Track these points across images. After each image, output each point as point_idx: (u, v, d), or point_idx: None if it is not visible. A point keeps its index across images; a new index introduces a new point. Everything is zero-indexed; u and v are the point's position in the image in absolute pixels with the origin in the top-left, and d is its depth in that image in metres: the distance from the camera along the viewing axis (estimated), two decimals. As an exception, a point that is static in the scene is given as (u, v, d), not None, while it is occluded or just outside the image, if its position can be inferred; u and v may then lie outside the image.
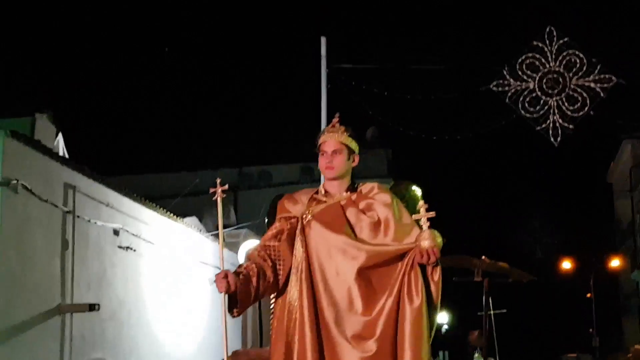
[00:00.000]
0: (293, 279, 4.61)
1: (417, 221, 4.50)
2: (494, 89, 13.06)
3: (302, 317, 4.47)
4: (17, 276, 10.02)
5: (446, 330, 38.10)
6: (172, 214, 15.22)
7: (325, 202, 4.74)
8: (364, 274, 4.48)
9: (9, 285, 9.92)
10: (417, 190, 5.02)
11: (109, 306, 12.15)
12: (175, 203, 17.95)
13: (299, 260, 4.59)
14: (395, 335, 4.39)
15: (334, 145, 4.73)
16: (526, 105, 13.00)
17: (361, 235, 4.58)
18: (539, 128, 12.94)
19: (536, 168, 54.72)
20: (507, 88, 13.02)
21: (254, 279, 4.52)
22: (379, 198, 4.69)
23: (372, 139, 29.62)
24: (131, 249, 13.00)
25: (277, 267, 4.64)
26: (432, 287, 4.50)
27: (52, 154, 11.14)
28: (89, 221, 11.80)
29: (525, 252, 35.53)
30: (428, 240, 4.37)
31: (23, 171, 10.12)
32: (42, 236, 10.67)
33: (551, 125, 12.89)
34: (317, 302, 4.49)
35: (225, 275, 4.47)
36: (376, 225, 4.59)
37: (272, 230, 4.77)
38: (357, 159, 4.82)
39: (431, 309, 4.48)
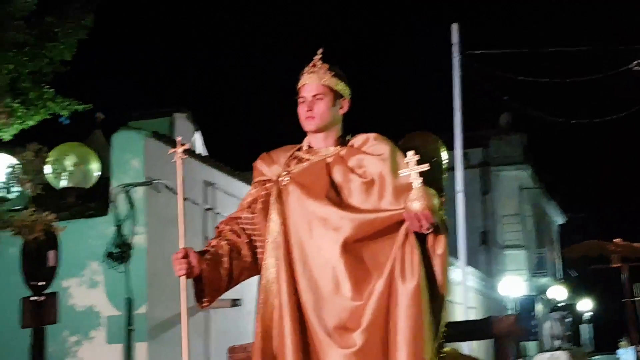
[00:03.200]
0: (270, 256, 3.69)
1: (409, 177, 3.49)
2: (637, 68, 12.55)
3: (280, 304, 3.58)
4: (162, 274, 10.27)
5: (590, 318, 37.37)
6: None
7: (308, 160, 3.81)
8: (351, 249, 3.54)
9: (155, 283, 10.18)
10: (438, 142, 4.05)
11: (251, 301, 12.30)
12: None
13: (275, 235, 3.68)
14: (387, 326, 3.45)
15: (315, 88, 3.77)
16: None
17: (350, 200, 3.64)
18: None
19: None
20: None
21: (225, 259, 3.74)
22: (374, 150, 3.71)
23: (507, 125, 29.09)
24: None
25: (255, 242, 3.83)
26: (435, 264, 3.55)
27: (192, 153, 11.36)
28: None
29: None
30: (418, 200, 3.38)
31: (164, 170, 10.35)
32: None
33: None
34: (297, 285, 3.61)
35: (184, 254, 3.67)
36: (369, 186, 3.64)
37: (245, 199, 3.92)
38: (346, 104, 3.85)
39: (435, 291, 3.53)
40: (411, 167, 3.46)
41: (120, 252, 10.06)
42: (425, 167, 3.44)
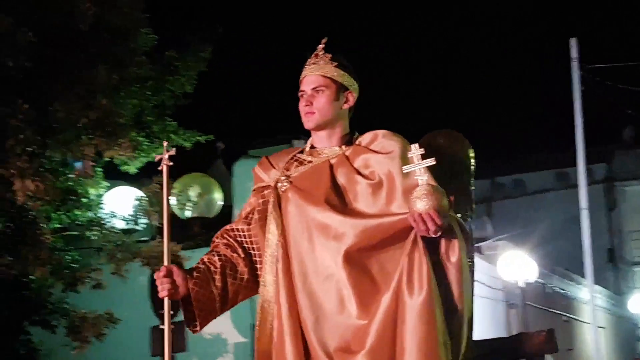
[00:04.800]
0: (268, 272, 3.29)
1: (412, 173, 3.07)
2: None
3: (280, 325, 3.19)
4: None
5: None
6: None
7: (310, 162, 3.36)
8: (355, 260, 3.10)
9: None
10: (464, 142, 3.60)
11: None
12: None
13: (273, 247, 3.27)
14: (394, 347, 3.00)
15: (315, 80, 3.32)
16: None
17: (355, 205, 3.20)
18: None
19: None
20: None
21: (217, 277, 3.32)
22: (382, 148, 3.26)
23: (631, 139, 28.27)
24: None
25: (254, 257, 3.40)
26: (450, 273, 3.05)
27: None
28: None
29: None
30: (422, 199, 2.94)
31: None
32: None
33: None
34: (297, 303, 3.21)
35: (167, 272, 3.26)
36: (376, 187, 3.19)
37: (244, 209, 3.49)
38: (352, 97, 3.38)
39: (451, 306, 3.04)
40: (416, 162, 3.01)
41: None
42: (430, 161, 3.00)
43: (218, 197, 10.74)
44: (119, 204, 8.85)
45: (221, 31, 9.17)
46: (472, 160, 3.57)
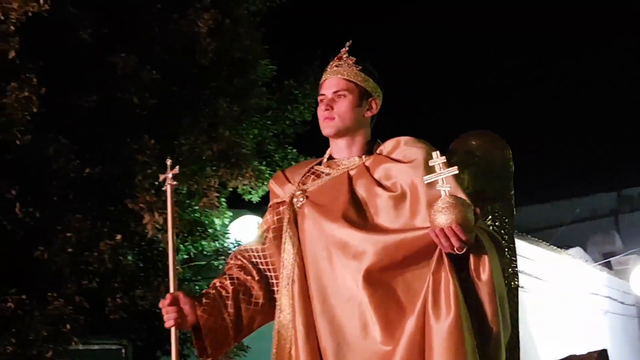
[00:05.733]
0: (284, 295, 3.03)
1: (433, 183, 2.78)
2: None
3: (297, 351, 2.93)
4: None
5: None
6: (555, 247, 14.94)
7: (328, 174, 3.10)
8: (378, 280, 2.83)
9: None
10: (502, 143, 3.25)
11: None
12: (556, 234, 17.61)
13: (290, 268, 3.02)
14: None
15: (336, 84, 3.08)
16: None
17: (377, 220, 2.92)
18: None
19: None
20: None
21: (230, 303, 3.06)
22: (404, 156, 2.98)
23: None
24: (520, 287, 12.93)
25: (270, 280, 3.15)
26: (482, 294, 2.74)
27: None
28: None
29: None
30: (444, 212, 2.64)
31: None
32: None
33: None
34: (316, 328, 2.95)
35: (173, 300, 3.01)
36: (398, 200, 2.91)
37: (260, 228, 3.26)
38: (375, 105, 3.13)
39: (485, 330, 2.74)
40: (438, 171, 2.73)
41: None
42: (453, 170, 2.70)
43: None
44: (244, 232, 8.98)
45: (338, 58, 9.24)
46: (511, 163, 3.25)
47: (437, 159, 2.73)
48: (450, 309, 2.66)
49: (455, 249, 2.66)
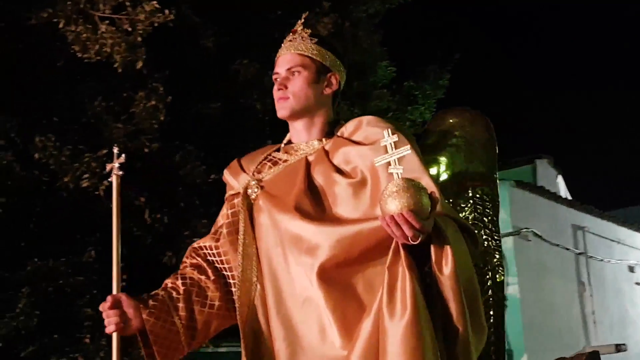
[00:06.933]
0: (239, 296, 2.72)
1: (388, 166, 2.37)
2: None
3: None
4: (538, 324, 10.16)
5: None
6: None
7: (285, 161, 2.74)
8: (334, 277, 2.49)
9: (531, 333, 10.08)
10: (484, 121, 2.88)
11: (635, 346, 11.85)
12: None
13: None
14: None
15: (290, 60, 2.71)
16: None
17: (336, 210, 2.57)
18: None
19: None
20: None
21: (181, 305, 2.69)
22: (366, 138, 2.62)
23: None
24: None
25: (228, 280, 2.76)
26: (445, 289, 2.34)
27: (557, 198, 11.23)
28: (602, 260, 11.67)
29: None
30: (394, 197, 2.27)
31: (531, 218, 10.29)
32: (557, 280, 10.76)
33: None
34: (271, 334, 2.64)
35: (114, 303, 2.62)
36: (358, 187, 2.56)
37: (215, 224, 2.87)
38: (336, 80, 2.72)
39: (450, 330, 2.36)
40: (389, 152, 2.35)
41: (494, 304, 10.09)
42: (405, 150, 2.33)
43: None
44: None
45: (458, 58, 9.19)
46: (494, 144, 2.89)
47: (388, 137, 2.36)
48: (406, 307, 2.29)
49: (409, 238, 2.27)
